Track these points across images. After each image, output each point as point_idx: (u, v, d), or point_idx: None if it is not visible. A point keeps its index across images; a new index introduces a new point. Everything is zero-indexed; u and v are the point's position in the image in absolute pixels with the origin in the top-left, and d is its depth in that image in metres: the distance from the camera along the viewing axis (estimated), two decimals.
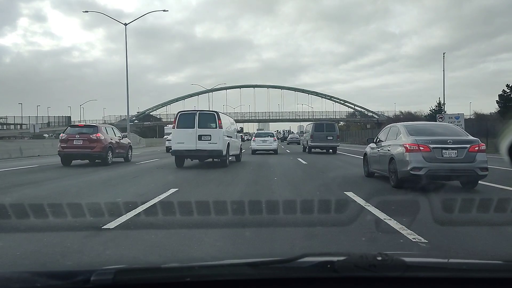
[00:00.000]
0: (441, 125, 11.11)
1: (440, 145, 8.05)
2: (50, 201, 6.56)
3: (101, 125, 16.96)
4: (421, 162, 7.96)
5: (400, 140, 8.75)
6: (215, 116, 13.67)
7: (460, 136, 8.56)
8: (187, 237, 4.50)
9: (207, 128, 13.47)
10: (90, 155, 14.79)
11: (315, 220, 5.34)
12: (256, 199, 6.78)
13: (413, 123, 10.19)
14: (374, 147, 10.45)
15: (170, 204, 6.24)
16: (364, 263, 1.33)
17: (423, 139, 8.23)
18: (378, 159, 9.89)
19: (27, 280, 1.33)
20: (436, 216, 5.18)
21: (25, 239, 4.46)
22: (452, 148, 8.02)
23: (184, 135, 13.39)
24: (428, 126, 10.14)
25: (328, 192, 8.04)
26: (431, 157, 7.98)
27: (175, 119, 13.93)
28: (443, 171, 8.01)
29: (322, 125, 24.84)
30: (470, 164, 7.95)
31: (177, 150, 13.60)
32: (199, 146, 13.33)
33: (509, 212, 5.97)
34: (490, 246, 4.28)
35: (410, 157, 8.06)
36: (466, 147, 8.05)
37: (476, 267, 1.53)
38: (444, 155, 8.00)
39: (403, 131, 8.89)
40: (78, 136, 14.85)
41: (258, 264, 1.47)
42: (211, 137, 13.33)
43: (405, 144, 8.31)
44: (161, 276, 1.38)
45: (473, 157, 7.98)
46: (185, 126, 13.50)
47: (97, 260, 3.76)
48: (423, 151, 8.02)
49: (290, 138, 50.05)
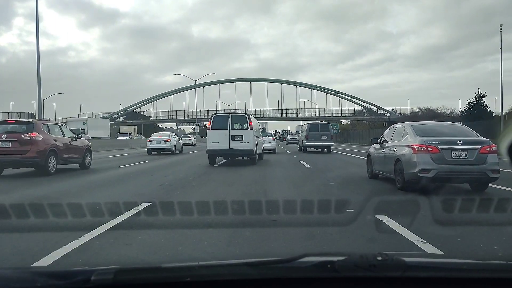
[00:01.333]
0: (449, 124, 10.82)
1: (450, 146, 7.74)
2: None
3: (41, 122, 12.82)
4: (430, 163, 7.65)
5: (406, 141, 8.45)
6: (246, 118, 15.25)
7: (470, 137, 8.21)
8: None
9: (239, 129, 14.92)
10: (22, 161, 11.23)
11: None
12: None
13: (420, 123, 9.79)
14: (378, 148, 10.14)
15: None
16: (364, 263, 1.33)
17: (431, 139, 7.91)
18: (382, 160, 9.58)
19: (27, 280, 1.33)
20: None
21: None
22: (462, 149, 7.71)
23: (219, 136, 14.66)
24: (436, 126, 9.70)
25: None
26: (440, 158, 7.67)
27: (210, 121, 15.25)
28: (453, 173, 7.69)
29: (317, 125, 26.26)
30: (481, 166, 7.63)
31: (212, 149, 14.85)
32: (232, 146, 14.68)
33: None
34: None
35: (418, 158, 7.77)
36: (476, 148, 7.72)
37: (476, 267, 1.53)
38: (453, 157, 7.69)
39: (410, 131, 8.56)
40: (5, 136, 11.22)
41: (258, 264, 1.47)
42: (243, 137, 14.74)
43: (413, 145, 8.01)
44: (161, 276, 1.38)
45: (484, 158, 7.65)
46: (219, 127, 14.80)
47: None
48: (431, 152, 7.70)
49: (289, 138, 50.13)
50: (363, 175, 10.93)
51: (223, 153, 15.18)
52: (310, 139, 25.14)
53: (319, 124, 26.72)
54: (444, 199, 6.98)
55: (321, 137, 25.17)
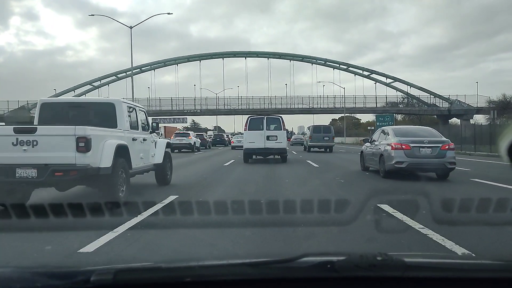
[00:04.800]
0: (422, 128, 13.04)
1: (418, 144, 10.22)
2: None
3: None
4: (403, 157, 10.16)
5: (388, 141, 10.82)
6: (280, 120, 16.96)
7: (435, 137, 10.72)
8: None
9: (273, 130, 16.59)
10: None
11: None
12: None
13: (400, 127, 13.18)
14: (368, 146, 12.53)
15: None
16: (364, 263, 1.33)
17: (405, 139, 10.39)
18: (371, 156, 11.99)
19: (27, 280, 1.33)
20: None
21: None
22: (428, 146, 10.19)
23: (255, 136, 16.38)
24: (412, 129, 12.48)
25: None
26: (411, 153, 10.15)
27: (246, 123, 16.95)
28: (420, 164, 10.26)
29: (320, 127, 29.34)
30: (441, 159, 10.11)
31: (249, 148, 16.61)
32: (267, 145, 16.40)
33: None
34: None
35: (395, 153, 10.25)
36: (438, 146, 10.20)
37: (476, 267, 1.53)
38: (421, 152, 10.18)
39: (391, 133, 11.06)
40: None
41: (258, 264, 1.47)
42: (277, 137, 16.47)
43: (392, 143, 10.48)
44: (161, 276, 1.38)
45: (444, 154, 10.13)
46: (255, 129, 16.52)
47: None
48: (405, 149, 10.19)
49: (294, 138, 50.20)
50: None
51: (259, 151, 16.75)
52: (314, 140, 28.17)
53: (321, 127, 29.52)
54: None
55: (323, 138, 28.11)
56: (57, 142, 5.90)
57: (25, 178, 5.75)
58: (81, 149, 5.84)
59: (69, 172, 5.81)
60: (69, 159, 5.82)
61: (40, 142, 5.84)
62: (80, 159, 5.85)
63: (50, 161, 5.80)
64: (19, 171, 5.73)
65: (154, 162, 8.72)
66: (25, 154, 5.80)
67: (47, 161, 5.79)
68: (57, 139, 5.93)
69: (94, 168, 5.98)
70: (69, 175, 5.83)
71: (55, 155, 5.85)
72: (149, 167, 8.55)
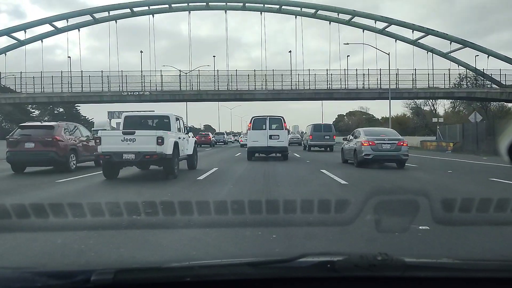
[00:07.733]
0: (385, 129, 16.62)
1: (381, 141, 13.52)
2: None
3: (62, 124, 13.45)
4: (370, 151, 13.40)
5: (360, 139, 14.03)
6: (281, 120, 17.87)
7: (394, 136, 14.18)
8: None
9: (276, 130, 17.46)
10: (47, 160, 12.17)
11: None
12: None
13: (369, 128, 17.16)
14: (346, 143, 15.76)
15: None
16: (364, 263, 1.33)
17: (371, 137, 13.69)
18: (349, 151, 15.18)
19: (27, 280, 1.33)
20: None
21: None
22: (387, 143, 13.52)
23: (258, 135, 17.31)
24: (378, 130, 16.49)
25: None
26: (375, 148, 13.42)
27: (250, 123, 17.85)
28: (382, 156, 13.56)
29: (320, 126, 28.71)
30: (397, 152, 13.46)
31: (252, 146, 17.58)
32: (269, 144, 17.30)
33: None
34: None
35: (364, 148, 13.50)
36: (395, 142, 13.57)
37: (476, 267, 1.53)
38: (383, 147, 13.47)
39: (362, 133, 14.37)
40: (31, 138, 12.19)
41: (258, 263, 1.47)
42: (279, 137, 17.35)
43: (362, 141, 13.77)
44: (161, 276, 1.38)
45: (400, 148, 13.48)
46: (258, 128, 17.40)
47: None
48: (371, 144, 13.44)
49: (291, 138, 50.13)
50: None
51: (262, 150, 17.67)
52: (314, 139, 27.29)
53: (322, 126, 28.80)
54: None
55: (324, 137, 27.30)
56: (146, 139, 9.93)
57: (128, 159, 9.90)
58: (159, 143, 9.84)
59: (152, 156, 9.88)
60: (152, 148, 9.83)
61: (137, 139, 9.89)
62: (158, 149, 9.84)
63: (142, 150, 9.83)
64: (124, 155, 9.81)
65: (187, 153, 12.40)
66: (128, 146, 9.86)
67: (140, 150, 9.82)
68: (146, 138, 9.94)
69: (165, 154, 9.96)
70: (152, 158, 9.95)
71: (145, 146, 9.86)
72: (185, 157, 12.24)
